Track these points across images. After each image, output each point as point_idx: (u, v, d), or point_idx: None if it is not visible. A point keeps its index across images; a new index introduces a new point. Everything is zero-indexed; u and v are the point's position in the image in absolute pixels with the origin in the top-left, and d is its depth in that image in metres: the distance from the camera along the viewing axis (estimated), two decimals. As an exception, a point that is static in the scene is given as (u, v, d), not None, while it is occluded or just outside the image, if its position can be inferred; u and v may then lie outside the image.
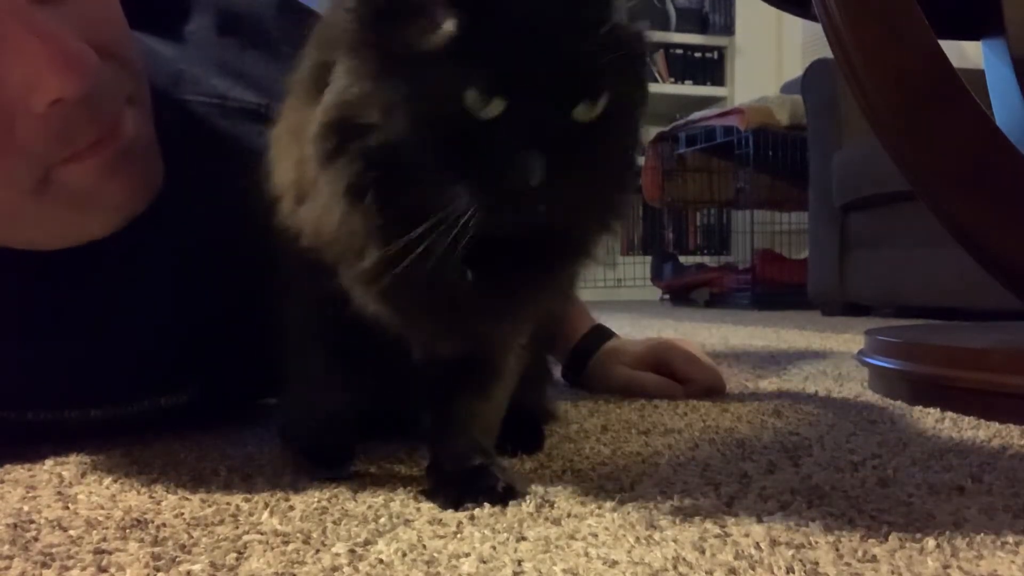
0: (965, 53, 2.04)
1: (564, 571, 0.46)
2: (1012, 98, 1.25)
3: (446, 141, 0.47)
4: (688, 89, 4.98)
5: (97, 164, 0.64)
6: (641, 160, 4.52)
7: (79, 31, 0.60)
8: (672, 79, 4.97)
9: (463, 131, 0.47)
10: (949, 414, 0.97)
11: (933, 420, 0.94)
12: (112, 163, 0.64)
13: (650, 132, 4.55)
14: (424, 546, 0.51)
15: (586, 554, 0.49)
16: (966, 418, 0.95)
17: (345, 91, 0.48)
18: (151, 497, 0.63)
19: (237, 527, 0.55)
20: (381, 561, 0.48)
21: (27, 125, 0.59)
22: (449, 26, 0.46)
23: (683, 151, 4.24)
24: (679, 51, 4.99)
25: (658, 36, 4.94)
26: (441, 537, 0.52)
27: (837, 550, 0.49)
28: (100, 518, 0.57)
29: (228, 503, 0.60)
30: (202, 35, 0.85)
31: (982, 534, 0.53)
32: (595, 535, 0.52)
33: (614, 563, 0.47)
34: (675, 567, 0.47)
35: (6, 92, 0.58)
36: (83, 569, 0.47)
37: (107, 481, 0.67)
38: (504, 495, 0.59)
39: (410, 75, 0.47)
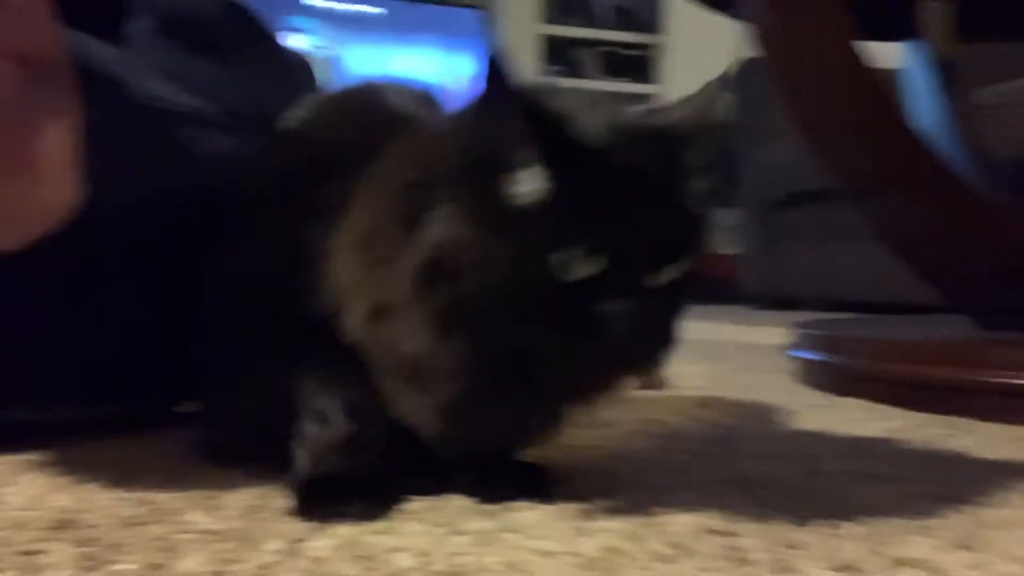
0: (889, 54, 2.10)
1: (500, 563, 0.47)
2: (932, 99, 1.29)
3: (539, 298, 0.47)
4: (620, 86, 5.01)
5: (18, 187, 0.59)
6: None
7: (9, 42, 0.56)
8: (604, 76, 5.01)
9: (557, 290, 0.47)
10: (873, 405, 1.00)
11: (858, 411, 0.97)
12: (22, 179, 0.60)
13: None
14: (360, 541, 0.51)
15: (522, 546, 0.49)
16: (889, 408, 0.98)
17: (445, 234, 0.48)
18: (81, 497, 0.61)
19: (169, 526, 0.54)
20: (316, 557, 0.48)
21: None
22: (544, 184, 0.47)
23: (617, 148, 4.28)
24: (611, 48, 5.03)
25: (589, 33, 4.98)
26: (378, 532, 0.52)
27: (764, 536, 0.51)
28: (29, 519, 0.55)
29: (160, 502, 0.59)
30: (143, 38, 0.82)
31: (901, 519, 0.55)
32: (531, 527, 0.53)
33: (549, 554, 0.48)
34: (609, 556, 0.47)
35: None
36: (10, 571, 0.46)
37: (37, 481, 0.65)
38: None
39: (507, 229, 0.47)
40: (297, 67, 1.03)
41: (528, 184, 0.47)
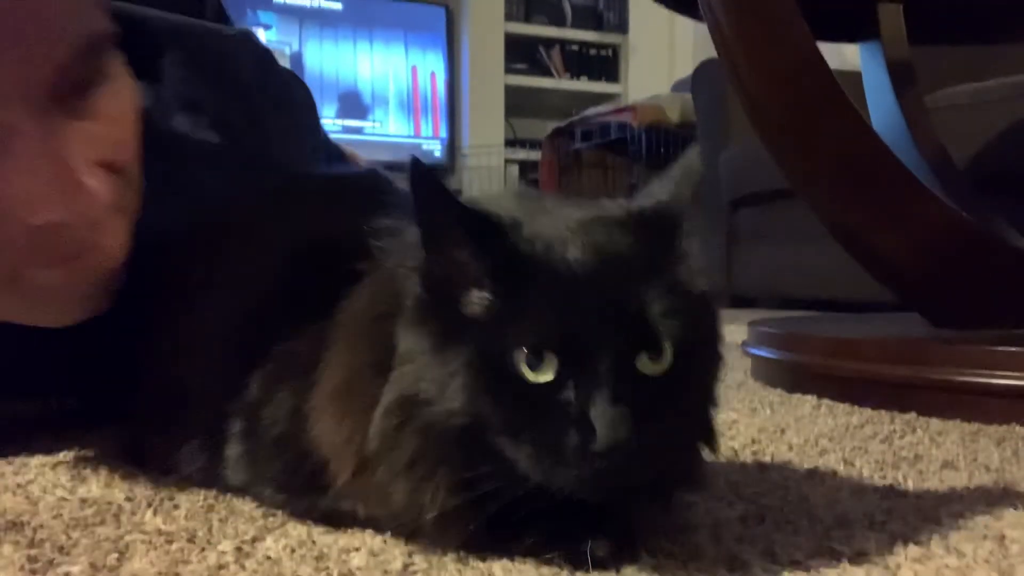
0: (845, 55, 2.12)
1: (455, 560, 0.47)
2: (887, 100, 1.31)
3: (504, 408, 0.44)
4: (583, 85, 5.03)
5: (70, 274, 0.64)
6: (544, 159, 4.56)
7: (99, 149, 0.61)
8: (568, 75, 5.02)
9: (521, 396, 0.44)
10: (825, 401, 1.01)
11: (810, 407, 0.98)
12: (86, 280, 0.64)
13: (546, 127, 4.59)
14: (314, 541, 0.50)
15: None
16: (841, 405, 0.99)
17: (406, 367, 0.47)
18: (27, 498, 0.60)
19: (118, 527, 0.53)
20: (269, 558, 0.48)
21: (16, 230, 0.59)
22: (493, 293, 0.45)
23: (579, 147, 4.30)
24: (575, 47, 5.03)
25: (554, 32, 4.99)
26: (332, 532, 0.52)
27: (716, 532, 0.51)
28: (-29, 522, 0.54)
29: (109, 503, 0.59)
30: (169, 72, 0.83)
31: (853, 514, 0.55)
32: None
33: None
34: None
35: (5, 198, 0.58)
36: (-48, 575, 0.45)
37: (-21, 483, 0.64)
38: None
39: (463, 346, 0.45)
40: (301, 99, 1.05)
41: (479, 296, 0.46)
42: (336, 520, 0.53)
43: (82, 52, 0.60)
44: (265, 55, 0.96)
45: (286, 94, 0.99)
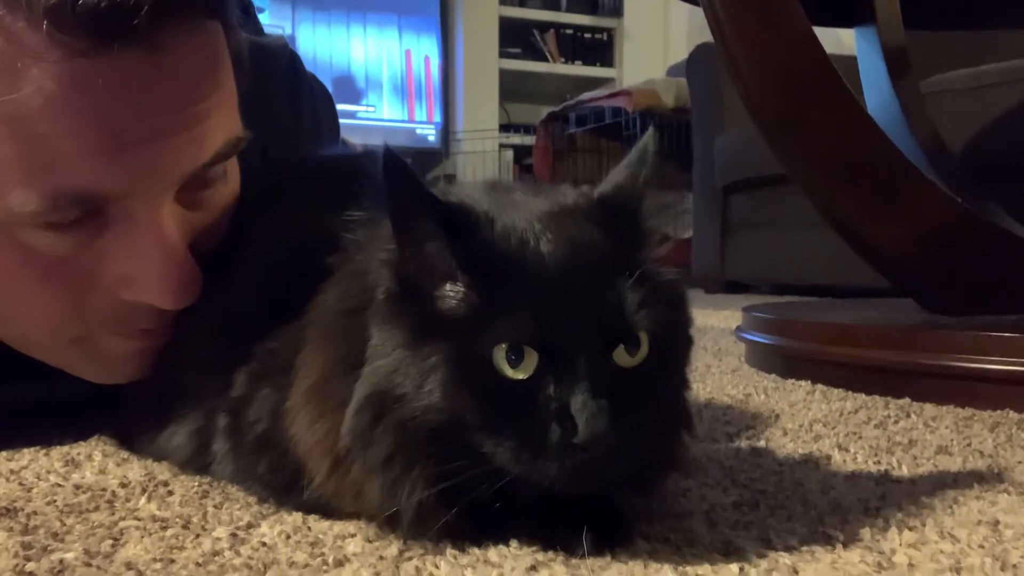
0: (841, 40, 2.12)
1: (451, 549, 0.47)
2: (883, 85, 1.31)
3: (484, 404, 0.44)
4: (578, 69, 5.01)
5: (136, 347, 0.66)
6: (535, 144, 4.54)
7: (197, 236, 0.64)
8: (563, 59, 5.00)
9: (500, 391, 0.44)
10: (819, 386, 1.02)
11: (804, 392, 0.98)
12: (150, 350, 0.67)
13: (541, 112, 4.57)
14: (309, 528, 0.50)
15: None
16: (835, 390, 1.00)
17: (379, 362, 0.47)
18: (21, 484, 0.60)
19: (113, 513, 0.53)
20: (264, 544, 0.48)
21: (103, 300, 0.62)
22: (467, 288, 0.45)
23: (573, 131, 4.29)
24: (569, 31, 5.02)
25: (548, 16, 4.97)
26: (327, 519, 0.52)
27: (711, 518, 0.51)
28: (-36, 508, 0.54)
29: (103, 489, 0.58)
30: None
31: (847, 499, 0.56)
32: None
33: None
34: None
35: (105, 269, 0.61)
36: (-55, 561, 0.45)
37: (-28, 469, 0.64)
38: None
39: (440, 341, 0.45)
40: (324, 108, 1.07)
41: (453, 290, 0.46)
42: (324, 513, 0.53)
43: (221, 154, 0.62)
44: (296, 65, 0.99)
45: (311, 108, 1.01)
